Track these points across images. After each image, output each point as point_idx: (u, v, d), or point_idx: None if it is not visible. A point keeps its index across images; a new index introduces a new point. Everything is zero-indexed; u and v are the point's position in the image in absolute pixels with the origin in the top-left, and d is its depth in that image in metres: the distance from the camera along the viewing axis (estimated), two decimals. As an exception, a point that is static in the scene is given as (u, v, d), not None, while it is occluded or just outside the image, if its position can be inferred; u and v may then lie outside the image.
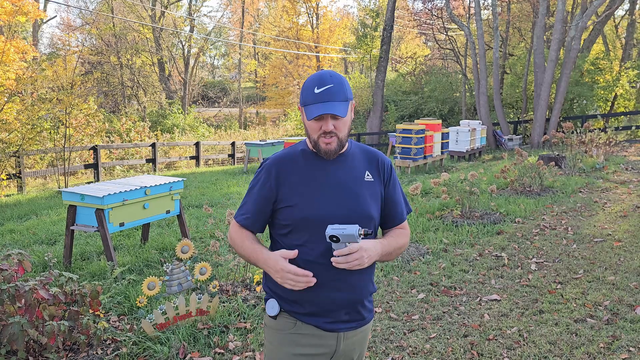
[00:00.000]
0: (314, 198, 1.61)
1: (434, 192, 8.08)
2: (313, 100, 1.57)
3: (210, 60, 47.84)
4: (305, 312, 1.63)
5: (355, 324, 1.68)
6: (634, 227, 5.66)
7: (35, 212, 8.09)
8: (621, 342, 3.12)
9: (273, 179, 1.65)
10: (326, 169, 1.66)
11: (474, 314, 3.64)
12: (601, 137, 11.14)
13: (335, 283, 1.60)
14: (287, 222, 1.63)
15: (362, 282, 1.67)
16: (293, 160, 1.67)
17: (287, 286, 1.56)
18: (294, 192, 1.63)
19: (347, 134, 1.65)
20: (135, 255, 5.19)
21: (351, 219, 1.61)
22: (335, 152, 1.63)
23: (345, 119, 1.61)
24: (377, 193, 1.71)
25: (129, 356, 3.11)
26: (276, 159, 1.69)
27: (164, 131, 23.42)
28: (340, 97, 1.58)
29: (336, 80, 1.59)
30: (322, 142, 1.61)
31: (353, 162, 1.70)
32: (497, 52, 16.76)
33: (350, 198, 1.64)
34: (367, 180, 1.70)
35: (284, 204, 1.63)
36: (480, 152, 15.09)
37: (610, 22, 23.05)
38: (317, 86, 1.58)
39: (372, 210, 1.68)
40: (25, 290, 2.80)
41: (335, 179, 1.65)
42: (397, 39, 36.39)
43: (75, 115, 12.57)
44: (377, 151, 1.80)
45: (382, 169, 1.75)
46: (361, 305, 1.69)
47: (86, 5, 33.04)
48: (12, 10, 11.19)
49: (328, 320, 1.63)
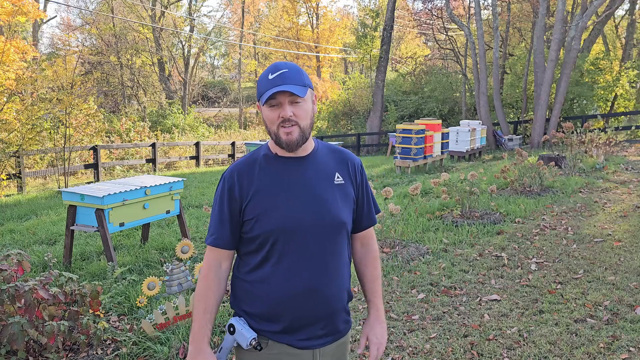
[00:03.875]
0: (280, 208, 1.48)
1: (434, 192, 8.08)
2: (267, 86, 1.45)
3: (210, 60, 47.88)
4: (277, 330, 1.51)
5: (331, 338, 1.57)
6: (634, 227, 5.66)
7: (35, 212, 8.09)
8: (621, 342, 3.12)
9: (236, 190, 1.51)
10: (292, 174, 1.52)
11: (474, 314, 3.64)
12: (601, 137, 11.14)
13: (309, 296, 1.49)
14: (253, 235, 1.50)
15: (339, 293, 1.56)
16: (254, 167, 1.53)
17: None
18: (258, 202, 1.49)
19: (310, 125, 1.50)
20: (135, 255, 5.19)
21: (322, 227, 1.50)
22: (297, 143, 1.48)
23: (305, 106, 1.47)
24: (348, 196, 1.59)
25: (129, 356, 3.11)
26: (235, 167, 1.55)
27: (163, 131, 23.43)
28: (297, 81, 1.46)
29: (291, 66, 1.48)
30: (282, 133, 1.46)
31: (321, 164, 1.57)
32: (497, 52, 16.76)
33: (320, 204, 1.51)
34: (337, 182, 1.57)
35: (248, 217, 1.50)
36: (480, 152, 15.09)
37: (610, 22, 23.05)
38: (270, 73, 1.47)
39: (344, 216, 1.56)
40: (25, 290, 2.80)
41: (303, 184, 1.51)
42: (397, 39, 36.39)
43: (75, 115, 12.57)
44: (346, 150, 1.68)
45: (352, 170, 1.62)
46: (337, 317, 1.58)
47: (86, 5, 33.06)
48: (12, 10, 11.20)
49: (302, 337, 1.52)
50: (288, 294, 1.49)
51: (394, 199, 7.62)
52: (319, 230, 1.50)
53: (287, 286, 1.49)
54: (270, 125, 1.49)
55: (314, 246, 1.50)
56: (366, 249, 1.73)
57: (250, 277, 1.54)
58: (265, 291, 1.50)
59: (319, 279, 1.51)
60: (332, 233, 1.53)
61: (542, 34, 15.48)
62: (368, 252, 1.73)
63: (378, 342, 1.67)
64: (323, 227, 1.51)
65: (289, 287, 1.49)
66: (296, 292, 1.49)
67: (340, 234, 1.56)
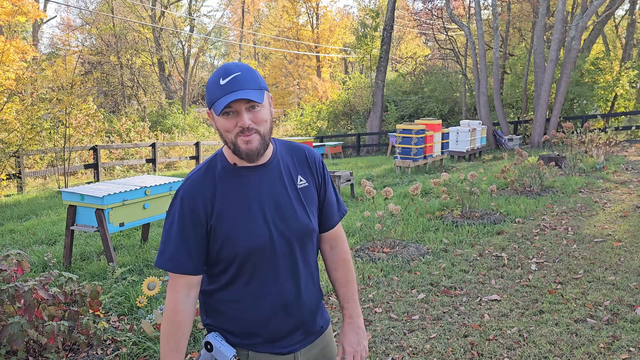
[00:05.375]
0: (245, 228, 1.38)
1: (434, 192, 8.08)
2: (220, 93, 1.31)
3: (210, 60, 47.84)
4: (256, 342, 1.46)
5: (312, 338, 1.54)
6: (634, 227, 5.65)
7: (35, 212, 8.09)
8: (621, 342, 3.12)
9: (199, 212, 1.38)
10: (253, 187, 1.41)
11: (474, 314, 3.64)
12: (601, 137, 11.14)
13: (283, 312, 1.45)
14: (220, 258, 1.41)
15: (312, 300, 1.52)
16: (214, 183, 1.40)
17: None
18: (221, 225, 1.38)
19: (270, 130, 1.38)
20: (135, 255, 5.19)
21: (290, 240, 1.43)
22: (258, 152, 1.36)
23: (263, 111, 1.35)
24: (313, 199, 1.51)
25: (129, 356, 3.11)
26: (192, 184, 1.40)
27: (163, 131, 23.43)
28: (252, 85, 1.33)
29: (244, 67, 1.34)
30: (240, 142, 1.34)
31: (282, 170, 1.47)
32: (497, 52, 16.77)
33: (287, 216, 1.42)
34: (300, 186, 1.48)
35: (213, 241, 1.40)
36: (480, 152, 15.09)
37: (610, 22, 23.05)
38: (222, 77, 1.32)
39: (312, 222, 1.48)
40: (25, 291, 2.80)
41: (266, 197, 1.42)
42: (397, 39, 36.39)
43: (75, 115, 12.58)
44: (304, 146, 1.57)
45: (313, 167, 1.53)
46: (314, 321, 1.54)
47: (86, 5, 33.08)
48: (12, 10, 11.21)
49: (283, 344, 1.48)
50: (261, 313, 1.43)
51: (394, 199, 7.62)
52: (288, 244, 1.43)
53: (260, 307, 1.43)
54: (226, 134, 1.35)
55: (283, 262, 1.43)
56: (335, 250, 1.63)
57: (220, 297, 1.46)
58: (238, 310, 1.44)
59: (291, 294, 1.45)
60: (302, 242, 1.46)
61: (542, 34, 15.48)
62: (337, 254, 1.63)
63: (353, 350, 1.60)
64: (292, 239, 1.44)
65: (261, 308, 1.43)
66: (269, 312, 1.43)
67: (310, 242, 1.50)
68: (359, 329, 1.62)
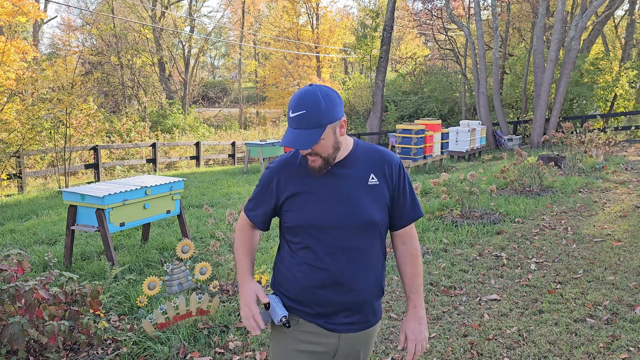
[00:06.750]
0: (311, 205, 1.61)
1: (433, 192, 8.08)
2: (288, 123, 1.57)
3: (210, 61, 47.91)
4: (307, 312, 1.66)
5: (356, 327, 1.67)
6: (634, 227, 5.66)
7: (35, 212, 8.10)
8: (621, 342, 3.12)
9: (274, 184, 1.68)
10: (325, 175, 1.64)
11: (473, 313, 3.65)
12: (601, 137, 11.15)
13: (332, 289, 1.62)
14: (289, 224, 1.66)
15: (367, 285, 1.66)
16: (294, 165, 1.67)
17: (244, 323, 1.65)
18: (294, 197, 1.64)
19: (334, 152, 1.59)
20: (135, 255, 5.20)
21: (350, 226, 1.61)
22: (320, 170, 1.60)
23: (322, 143, 1.55)
24: (382, 196, 1.66)
25: (129, 356, 3.12)
26: (280, 163, 1.71)
27: (164, 131, 23.43)
28: (312, 124, 1.51)
29: (310, 104, 1.51)
30: (307, 160, 1.61)
31: (355, 166, 1.66)
32: (496, 52, 16.77)
33: (349, 204, 1.61)
34: (371, 183, 1.65)
35: (285, 208, 1.66)
36: (480, 152, 15.10)
37: (610, 22, 23.06)
38: (292, 110, 1.54)
39: (375, 215, 1.64)
40: (25, 290, 2.80)
41: (334, 184, 1.62)
42: (397, 39, 36.41)
43: (76, 115, 12.57)
44: (386, 150, 1.74)
45: (387, 170, 1.69)
46: (365, 308, 1.68)
47: (86, 6, 33.08)
48: (12, 11, 11.22)
49: (330, 321, 1.65)
50: (313, 285, 1.62)
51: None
52: (348, 229, 1.60)
53: (313, 278, 1.62)
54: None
55: (342, 244, 1.61)
56: (406, 246, 1.78)
57: (286, 262, 1.69)
58: (296, 278, 1.65)
59: (343, 274, 1.61)
60: (361, 231, 1.62)
61: (541, 34, 15.49)
62: (407, 250, 1.78)
63: (415, 338, 1.71)
64: (352, 226, 1.61)
65: (314, 279, 1.62)
66: (320, 284, 1.61)
67: (371, 232, 1.65)
68: (422, 319, 1.74)
